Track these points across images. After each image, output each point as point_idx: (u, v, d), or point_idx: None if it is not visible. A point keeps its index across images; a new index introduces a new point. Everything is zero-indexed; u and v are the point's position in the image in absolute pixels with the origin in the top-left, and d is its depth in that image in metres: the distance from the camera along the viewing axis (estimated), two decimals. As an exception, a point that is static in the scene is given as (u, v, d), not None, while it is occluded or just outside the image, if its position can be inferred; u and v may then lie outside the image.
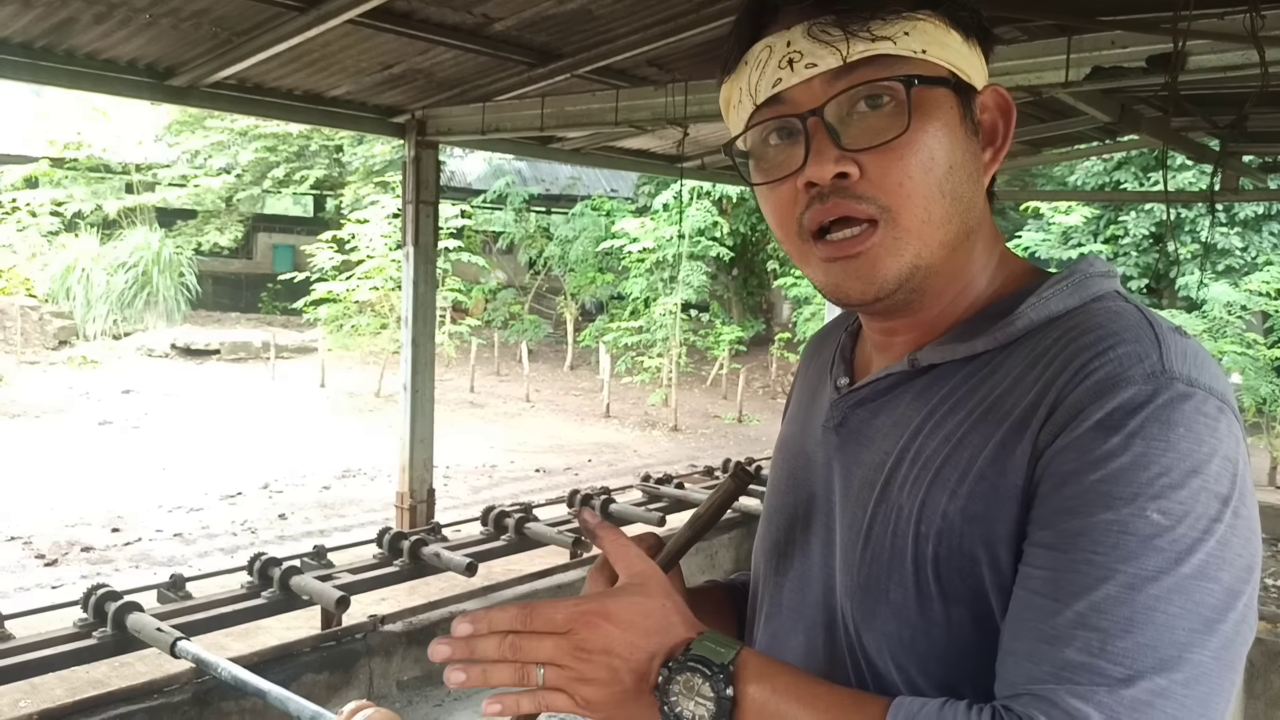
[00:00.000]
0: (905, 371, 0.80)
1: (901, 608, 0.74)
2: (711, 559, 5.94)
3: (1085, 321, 0.72)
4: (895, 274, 0.75)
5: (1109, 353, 0.68)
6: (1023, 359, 0.73)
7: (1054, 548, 0.66)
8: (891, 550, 0.75)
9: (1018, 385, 0.72)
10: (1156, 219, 13.54)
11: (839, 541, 0.81)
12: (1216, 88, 4.75)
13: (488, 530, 5.16)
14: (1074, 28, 3.43)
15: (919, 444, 0.76)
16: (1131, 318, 0.71)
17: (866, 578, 0.77)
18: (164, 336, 15.86)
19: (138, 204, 17.86)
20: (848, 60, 0.73)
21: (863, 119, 0.74)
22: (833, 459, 0.84)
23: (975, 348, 0.76)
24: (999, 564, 0.69)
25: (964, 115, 0.77)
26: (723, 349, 15.14)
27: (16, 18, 3.87)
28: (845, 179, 0.73)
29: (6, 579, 5.85)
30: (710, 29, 4.31)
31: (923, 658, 0.73)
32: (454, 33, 4.40)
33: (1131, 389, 0.66)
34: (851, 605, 0.78)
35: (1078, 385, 0.68)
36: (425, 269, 5.74)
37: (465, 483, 8.92)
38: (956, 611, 0.71)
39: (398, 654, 4.25)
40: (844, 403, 0.85)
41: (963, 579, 0.71)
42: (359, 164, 18.76)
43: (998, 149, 0.80)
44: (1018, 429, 0.70)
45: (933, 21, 0.75)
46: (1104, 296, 0.75)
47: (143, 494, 7.88)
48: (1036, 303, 0.75)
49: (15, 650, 3.47)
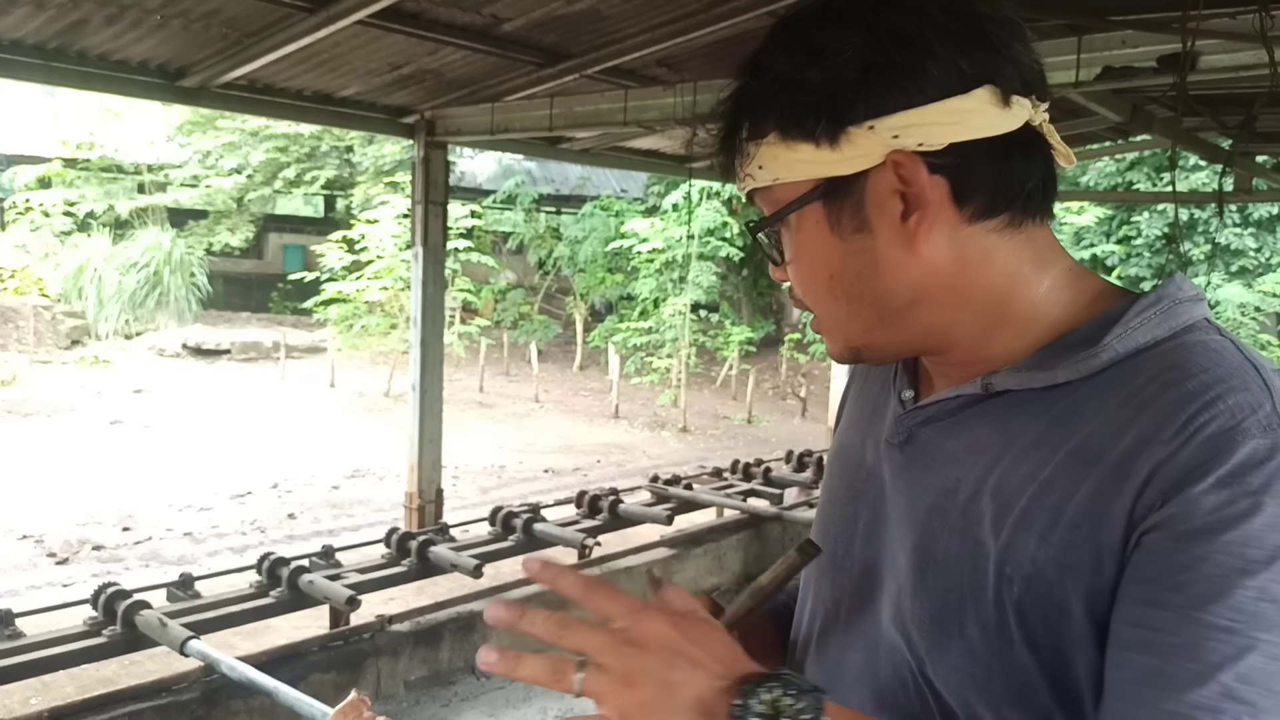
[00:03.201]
0: (977, 394, 0.77)
1: (978, 646, 0.71)
2: (719, 560, 5.94)
3: (1184, 361, 0.68)
4: (838, 353, 0.82)
5: (1218, 403, 0.65)
6: (1114, 396, 0.69)
7: (1182, 611, 0.62)
8: (970, 586, 0.72)
9: (1109, 427, 0.68)
10: (1169, 219, 13.47)
11: (904, 565, 0.78)
12: (1228, 87, 4.72)
13: (496, 531, 5.16)
14: (1084, 27, 3.42)
15: (998, 477, 0.73)
16: (1233, 358, 0.68)
17: (939, 610, 0.74)
18: (175, 336, 15.93)
19: (149, 204, 17.95)
20: (745, 192, 0.81)
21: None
22: (897, 477, 0.82)
23: (1056, 378, 0.72)
24: (1093, 616, 0.67)
25: (836, 220, 0.75)
26: (732, 350, 15.12)
27: (29, 19, 3.90)
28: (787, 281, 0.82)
29: (18, 577, 5.89)
30: (720, 29, 4.31)
31: (995, 697, 0.71)
32: (463, 33, 4.41)
33: (1250, 444, 0.63)
34: (919, 634, 0.75)
35: (1189, 441, 0.64)
36: (434, 269, 5.75)
37: (474, 483, 8.93)
38: (1038, 657, 0.69)
39: (405, 654, 4.26)
40: (910, 419, 0.82)
41: (1048, 627, 0.68)
42: (369, 164, 18.81)
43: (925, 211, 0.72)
44: (1114, 480, 0.66)
45: (776, 144, 0.75)
46: (1195, 327, 0.72)
47: (153, 493, 7.92)
48: (1123, 333, 0.71)
49: (26, 648, 3.50)
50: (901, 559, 0.79)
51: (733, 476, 6.82)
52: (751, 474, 6.78)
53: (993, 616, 0.70)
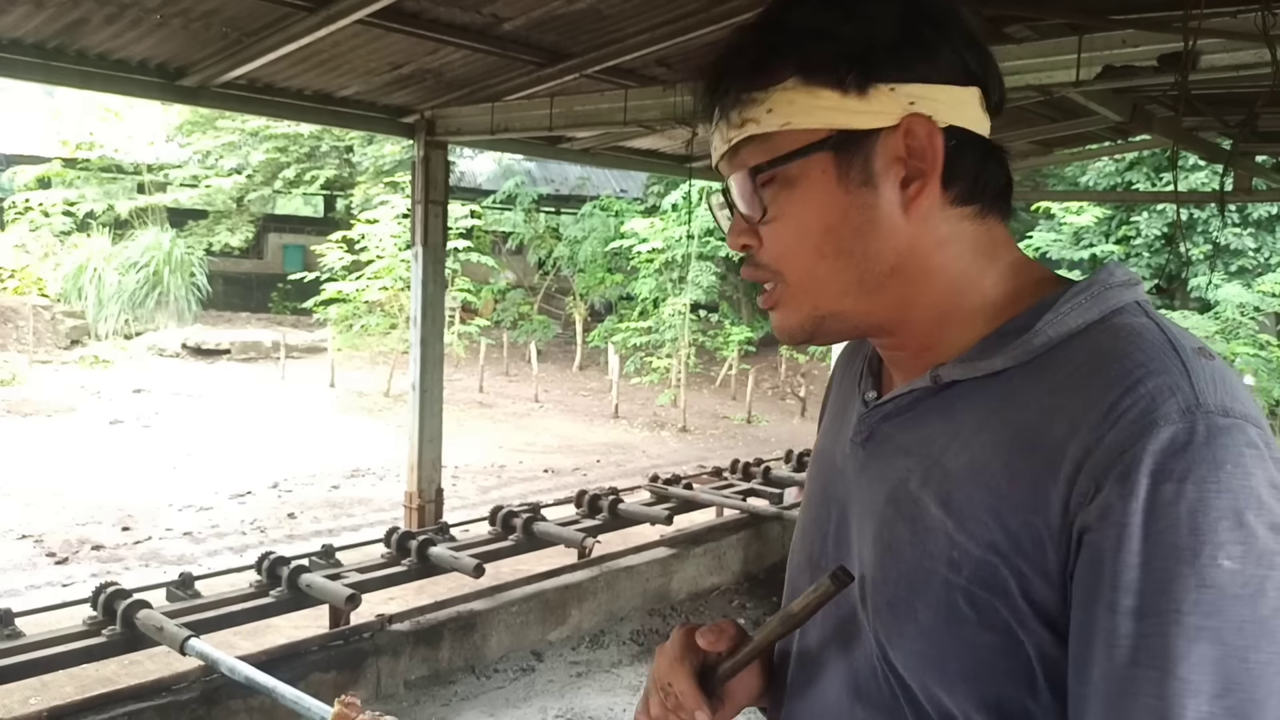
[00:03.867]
0: (928, 388, 0.80)
1: (931, 628, 0.74)
2: (720, 559, 5.94)
3: (1108, 345, 0.71)
4: (799, 324, 0.81)
5: (1138, 387, 0.67)
6: (1046, 382, 0.72)
7: (1136, 615, 0.64)
8: (920, 571, 0.75)
9: (1042, 413, 0.71)
10: (1169, 219, 13.46)
11: (867, 557, 0.81)
12: (1229, 87, 4.72)
13: (496, 530, 5.16)
14: (1085, 26, 3.41)
15: (945, 464, 0.76)
16: (1154, 340, 0.70)
17: (893, 596, 0.77)
18: (175, 336, 15.93)
19: (149, 204, 17.94)
20: (730, 144, 0.79)
21: (750, 200, 0.79)
22: (860, 474, 0.85)
23: (995, 365, 0.76)
24: (1031, 597, 0.69)
25: (845, 172, 0.76)
26: (732, 350, 15.12)
27: (29, 18, 3.89)
28: (750, 249, 0.81)
29: (17, 577, 5.89)
30: (719, 28, 4.30)
31: (951, 678, 0.73)
32: (463, 33, 4.41)
33: (1169, 429, 0.65)
34: (879, 621, 0.78)
35: (1113, 427, 0.66)
36: (434, 269, 5.75)
37: (473, 483, 8.93)
38: (987, 638, 0.71)
39: (405, 653, 4.26)
40: (871, 417, 0.85)
41: (995, 609, 0.70)
42: (369, 164, 18.81)
43: (927, 178, 0.76)
44: (1048, 466, 0.69)
45: (795, 89, 0.75)
46: (1124, 309, 0.74)
47: (153, 493, 7.92)
48: (1054, 319, 0.74)
49: (25, 648, 3.50)
50: (865, 551, 0.82)
51: (732, 476, 6.82)
52: (751, 473, 6.78)
53: (943, 599, 0.73)
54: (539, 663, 4.70)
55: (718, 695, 0.86)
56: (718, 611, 5.62)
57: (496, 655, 4.63)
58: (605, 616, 5.17)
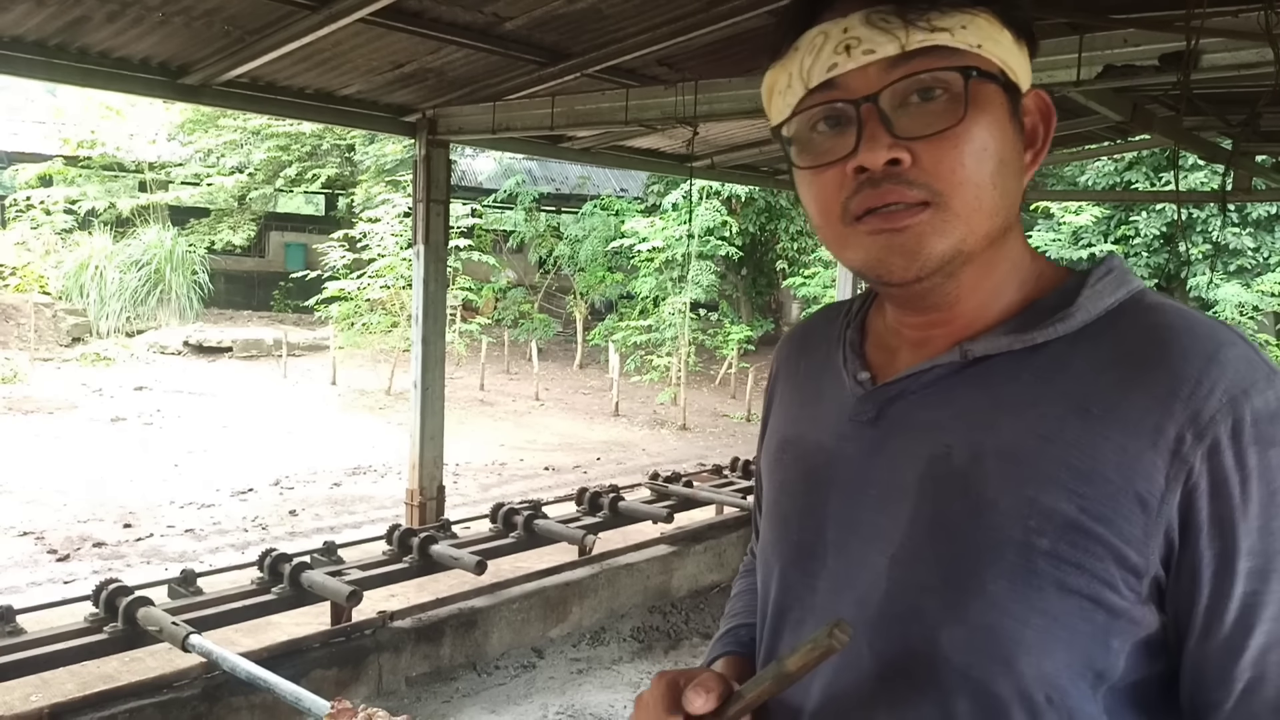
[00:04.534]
0: (954, 363, 0.80)
1: (1004, 599, 0.73)
2: (720, 557, 5.94)
3: (1166, 321, 0.75)
4: (939, 253, 0.76)
5: (1219, 357, 0.71)
6: (1101, 355, 0.75)
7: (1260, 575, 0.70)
8: (986, 543, 0.74)
9: (1110, 384, 0.73)
10: (1168, 219, 13.46)
11: (897, 537, 0.79)
12: (1230, 86, 4.72)
13: (497, 528, 5.17)
14: (1086, 26, 3.41)
15: (999, 435, 0.76)
16: (1202, 317, 0.75)
17: (952, 572, 0.75)
18: (177, 334, 15.94)
19: (151, 202, 17.95)
20: (906, 49, 0.74)
21: (917, 108, 0.75)
22: (873, 453, 0.83)
23: (1034, 339, 0.77)
24: (1126, 563, 0.71)
25: (1012, 113, 0.78)
26: (731, 348, 15.12)
27: (30, 16, 3.90)
28: (897, 165, 0.74)
29: (19, 574, 5.90)
30: (720, 28, 4.31)
31: (1025, 647, 0.74)
32: (465, 32, 4.42)
33: (1260, 396, 0.70)
34: (931, 600, 0.76)
35: (1208, 395, 0.70)
36: (436, 267, 5.75)
37: (475, 480, 8.94)
38: (1069, 602, 0.72)
39: (406, 650, 4.27)
40: (875, 397, 0.84)
41: (1081, 572, 0.72)
42: (370, 163, 18.81)
43: (1037, 152, 0.81)
44: (1141, 435, 0.71)
45: (987, 18, 0.76)
46: (1145, 291, 0.79)
47: (155, 490, 7.93)
48: (1091, 295, 0.78)
49: (26, 645, 3.50)
50: (893, 531, 0.80)
51: (732, 474, 6.83)
52: (751, 471, 6.79)
53: (1019, 567, 0.73)
54: (540, 659, 4.71)
55: None
56: (717, 609, 5.63)
57: (498, 652, 4.63)
58: (606, 614, 5.17)
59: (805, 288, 14.86)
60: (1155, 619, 0.73)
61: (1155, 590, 0.72)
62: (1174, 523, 0.70)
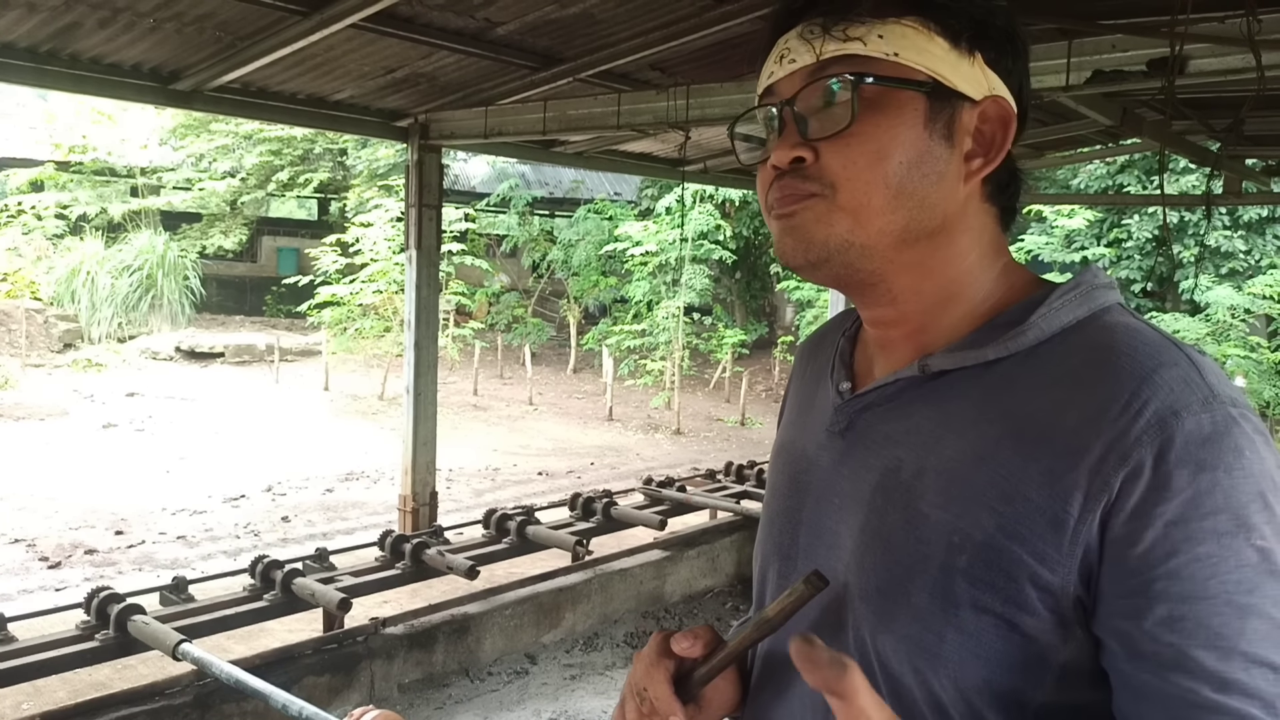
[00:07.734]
0: (915, 377, 0.82)
1: (925, 613, 0.75)
2: (713, 561, 5.95)
3: (1110, 340, 0.75)
4: (823, 241, 0.80)
5: (1154, 378, 0.70)
6: (1047, 374, 0.75)
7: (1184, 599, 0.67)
8: (915, 556, 0.76)
9: (1049, 404, 0.74)
10: (1160, 222, 13.51)
11: (849, 545, 0.82)
12: (1217, 91, 4.75)
13: (490, 533, 5.17)
14: (1074, 31, 3.43)
15: (941, 452, 0.77)
16: (1154, 336, 0.74)
17: (885, 581, 0.78)
18: (168, 339, 15.89)
19: (142, 207, 17.91)
20: (820, 57, 0.79)
21: (824, 112, 0.80)
22: (840, 463, 0.86)
23: (986, 355, 0.78)
24: (1037, 581, 0.71)
25: (934, 119, 0.79)
26: (725, 352, 15.14)
27: (21, 22, 3.89)
28: (801, 163, 0.80)
29: (10, 581, 5.87)
30: (712, 33, 4.32)
31: (942, 661, 0.75)
32: (457, 37, 4.42)
33: (1193, 419, 0.68)
34: (867, 607, 0.79)
35: (1135, 417, 0.69)
36: (429, 272, 5.75)
37: (468, 486, 8.93)
38: (984, 620, 0.73)
39: (399, 656, 4.26)
40: (849, 407, 0.86)
41: (995, 591, 0.72)
42: (363, 167, 18.80)
43: (989, 159, 0.81)
44: (1066, 456, 0.71)
45: (914, 27, 0.78)
46: (1110, 309, 0.78)
47: (146, 496, 7.90)
48: (1047, 313, 0.77)
49: (18, 652, 3.49)
50: (847, 539, 0.83)
51: (726, 478, 6.83)
52: (744, 476, 6.80)
53: (940, 583, 0.75)
54: (533, 665, 4.71)
55: (694, 701, 0.86)
56: (711, 613, 5.63)
57: (490, 658, 4.63)
58: (599, 619, 5.17)
59: (800, 291, 14.88)
60: (1082, 642, 0.72)
61: (1080, 612, 0.71)
62: (1093, 544, 0.70)
